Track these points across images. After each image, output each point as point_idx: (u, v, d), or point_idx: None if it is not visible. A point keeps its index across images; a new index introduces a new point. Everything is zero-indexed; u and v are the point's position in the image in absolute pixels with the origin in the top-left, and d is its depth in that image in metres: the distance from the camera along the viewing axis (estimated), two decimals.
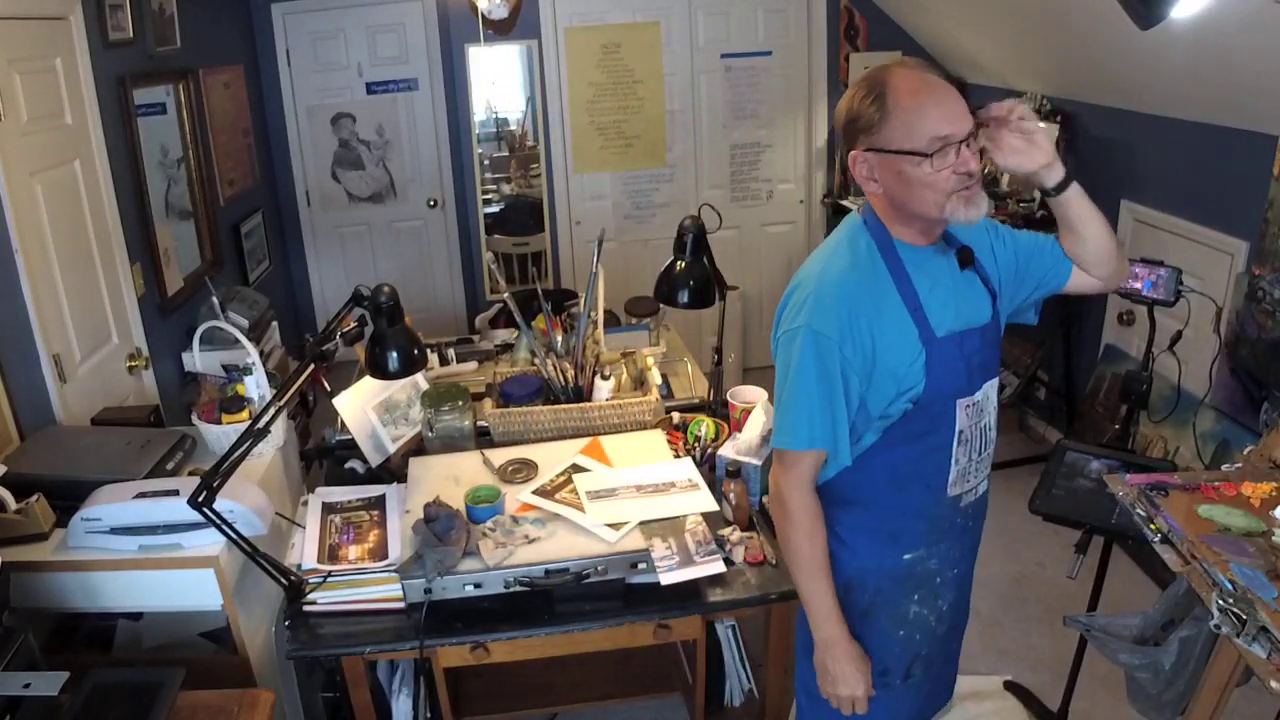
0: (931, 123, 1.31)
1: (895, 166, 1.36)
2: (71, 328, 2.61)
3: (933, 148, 1.32)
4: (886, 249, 1.45)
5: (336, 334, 1.85)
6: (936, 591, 1.59)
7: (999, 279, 1.55)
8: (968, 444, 1.51)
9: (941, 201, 1.35)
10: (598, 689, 2.30)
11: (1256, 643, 1.39)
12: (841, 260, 1.45)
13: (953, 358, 1.45)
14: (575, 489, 1.99)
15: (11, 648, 1.49)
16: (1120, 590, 2.89)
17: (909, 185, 1.36)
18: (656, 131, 4.85)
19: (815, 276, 1.45)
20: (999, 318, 1.54)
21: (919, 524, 1.54)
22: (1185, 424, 3.05)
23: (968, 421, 1.49)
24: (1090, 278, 1.56)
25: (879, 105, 1.34)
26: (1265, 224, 2.72)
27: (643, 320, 3.03)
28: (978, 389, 1.49)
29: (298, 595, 1.80)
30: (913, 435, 1.47)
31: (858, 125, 1.38)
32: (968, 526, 1.60)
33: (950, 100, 1.34)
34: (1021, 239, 1.58)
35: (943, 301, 1.45)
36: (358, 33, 4.76)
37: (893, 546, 1.54)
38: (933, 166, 1.32)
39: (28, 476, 2.03)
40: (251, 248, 4.35)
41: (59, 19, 2.72)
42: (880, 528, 1.54)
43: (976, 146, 1.36)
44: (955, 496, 1.54)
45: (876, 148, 1.37)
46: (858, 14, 4.74)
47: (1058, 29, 3.35)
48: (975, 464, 1.54)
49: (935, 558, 1.57)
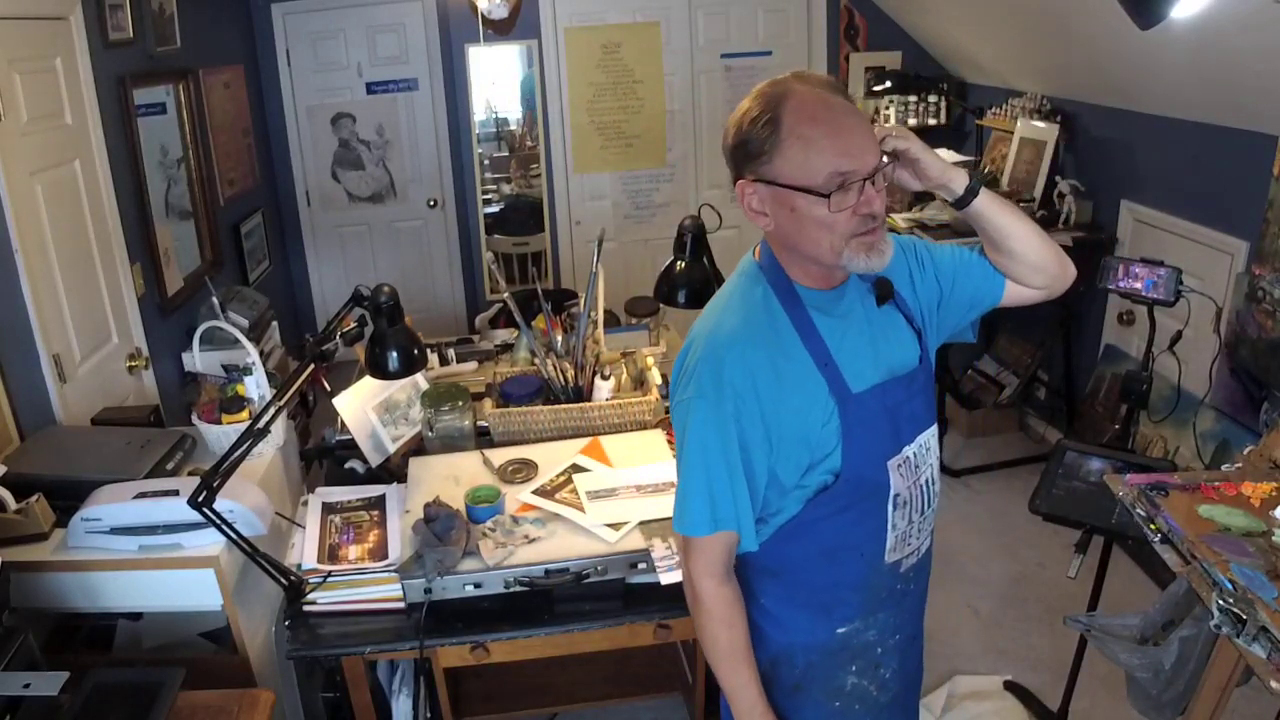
0: (830, 157, 1.15)
1: (788, 202, 1.19)
2: (71, 328, 2.61)
3: (830, 185, 1.15)
4: (786, 295, 1.28)
5: (336, 334, 1.85)
6: (877, 661, 1.43)
7: (921, 313, 1.38)
8: (906, 506, 1.34)
9: (839, 246, 1.19)
10: (598, 689, 2.30)
11: (1256, 643, 1.39)
12: (734, 315, 1.28)
13: (873, 414, 1.28)
14: (575, 489, 1.99)
15: (11, 648, 1.49)
16: (1120, 590, 2.89)
17: (801, 224, 1.20)
18: (656, 131, 4.86)
19: (705, 336, 1.28)
20: (928, 357, 1.38)
21: (854, 595, 1.37)
22: (1185, 424, 3.05)
23: (904, 483, 1.33)
24: (1030, 289, 1.40)
25: (772, 130, 1.17)
26: (1265, 224, 2.72)
27: (643, 320, 3.03)
28: (908, 443, 1.33)
29: (298, 595, 1.80)
30: (841, 505, 1.30)
31: (748, 150, 1.21)
32: (909, 590, 1.44)
33: (854, 130, 1.17)
34: (943, 259, 1.41)
35: (856, 350, 1.29)
36: (358, 33, 4.76)
37: (825, 618, 1.38)
38: (830, 207, 1.16)
39: (28, 476, 2.02)
40: (251, 248, 4.35)
41: (59, 19, 2.72)
42: (810, 600, 1.37)
43: (882, 184, 1.21)
44: (894, 563, 1.37)
45: (767, 179, 1.20)
46: (858, 14, 4.74)
47: (1057, 29, 3.35)
48: (916, 525, 1.38)
49: (873, 629, 1.41)
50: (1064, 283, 1.40)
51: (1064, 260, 1.39)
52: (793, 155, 1.17)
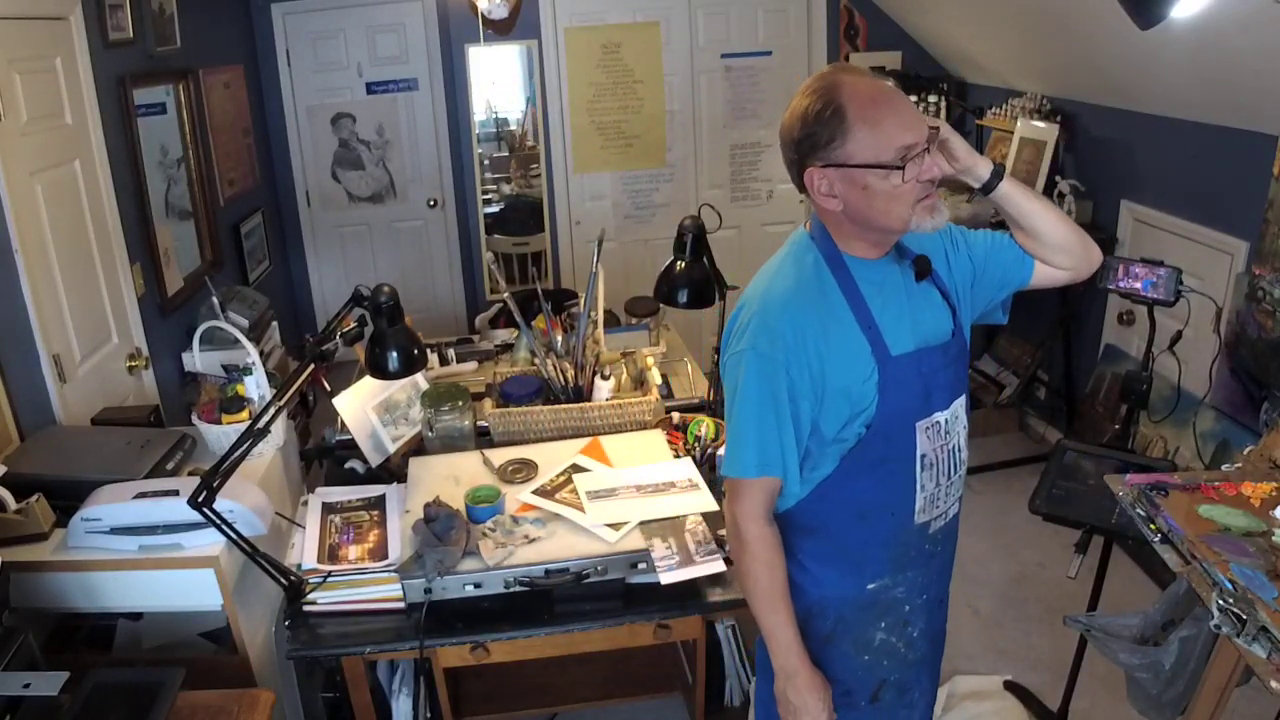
0: (897, 133, 1.27)
1: (861, 181, 1.30)
2: (71, 328, 2.61)
3: (900, 158, 1.27)
4: (836, 264, 1.39)
5: (336, 334, 1.85)
6: (905, 619, 1.52)
7: (956, 290, 1.48)
8: (933, 468, 1.44)
9: (906, 214, 1.31)
10: (598, 689, 2.30)
11: (1256, 643, 1.39)
12: (786, 279, 1.39)
13: (909, 378, 1.38)
14: (575, 489, 1.99)
15: (11, 648, 1.49)
16: (1120, 590, 2.89)
17: (873, 199, 1.30)
18: (656, 131, 4.86)
19: (759, 296, 1.39)
20: (962, 332, 1.47)
21: (884, 552, 1.47)
22: (1185, 424, 3.05)
23: (930, 445, 1.42)
24: (1057, 270, 1.49)
25: (838, 119, 1.28)
26: (1265, 224, 2.72)
27: (643, 320, 3.03)
28: (939, 409, 1.42)
29: (298, 595, 1.80)
30: (872, 462, 1.40)
31: (815, 141, 1.30)
32: (936, 552, 1.52)
33: (907, 107, 1.30)
34: (976, 241, 1.51)
35: (897, 318, 1.39)
36: (358, 33, 4.76)
37: (856, 575, 1.48)
38: (904, 178, 1.28)
39: (28, 476, 2.02)
40: (251, 248, 4.35)
41: (59, 19, 2.72)
42: (843, 556, 1.47)
43: (935, 152, 1.33)
44: (923, 524, 1.47)
45: (838, 163, 1.30)
46: (858, 14, 4.74)
47: (1058, 29, 3.35)
48: (944, 489, 1.47)
49: (901, 586, 1.50)
50: (1089, 264, 1.49)
51: (1087, 242, 1.47)
52: (863, 137, 1.27)
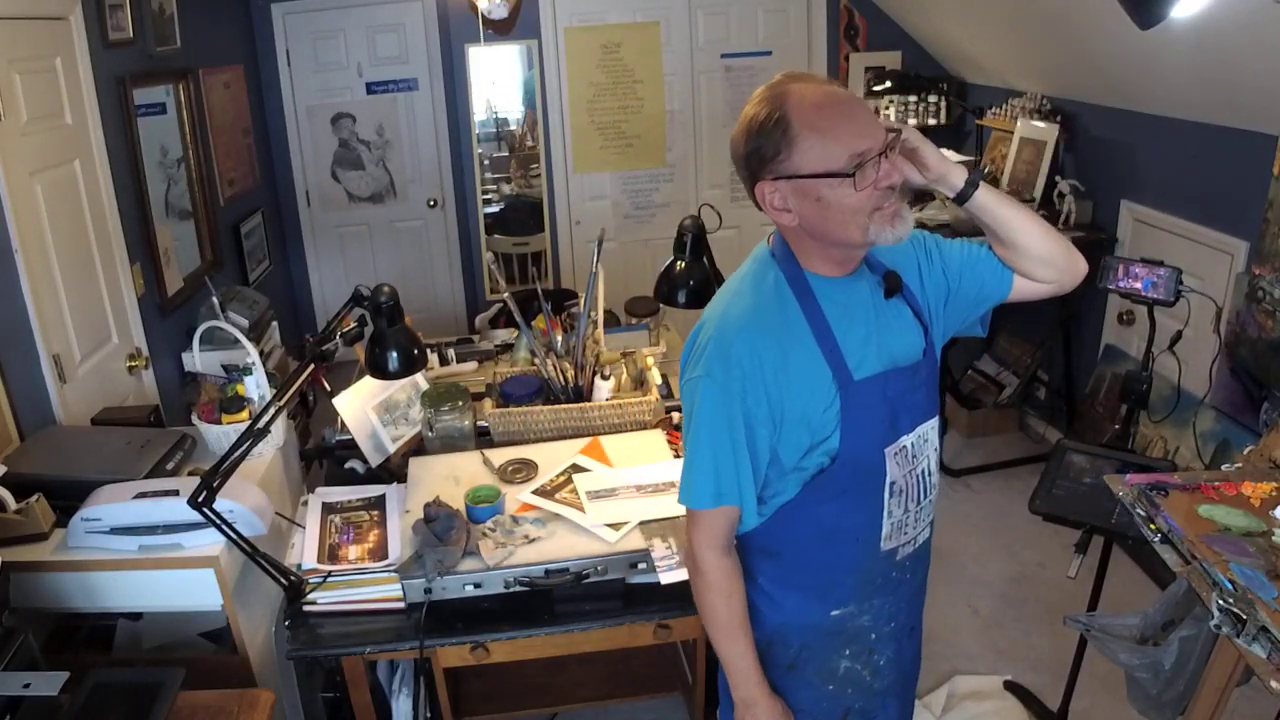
0: (846, 139, 1.19)
1: (813, 192, 1.23)
2: (71, 328, 2.61)
3: (852, 165, 1.20)
4: (797, 283, 1.32)
5: (336, 334, 1.85)
6: (871, 647, 1.47)
7: (929, 307, 1.41)
8: (902, 494, 1.37)
9: (864, 223, 1.23)
10: (598, 689, 2.30)
11: (1256, 643, 1.39)
12: (744, 300, 1.33)
13: (873, 402, 1.31)
14: (575, 489, 1.99)
15: (11, 648, 1.49)
16: (1120, 590, 2.89)
17: (827, 210, 1.23)
18: (656, 131, 4.86)
19: (717, 318, 1.33)
20: (933, 351, 1.40)
21: (849, 578, 1.41)
22: (1185, 424, 3.05)
23: (900, 471, 1.36)
24: (1038, 284, 1.40)
25: (783, 129, 1.21)
26: (1265, 224, 2.72)
27: (643, 320, 3.03)
28: (906, 433, 1.36)
29: (298, 595, 1.80)
30: (838, 489, 1.34)
31: (762, 153, 1.24)
32: (905, 579, 1.46)
33: (860, 111, 1.22)
34: (952, 253, 1.43)
35: (863, 339, 1.32)
36: (358, 33, 4.76)
37: (819, 601, 1.42)
38: (856, 186, 1.20)
39: (28, 476, 2.02)
40: (251, 248, 4.35)
41: (59, 19, 2.72)
42: (806, 581, 1.41)
43: (894, 156, 1.24)
44: (890, 550, 1.41)
45: (788, 175, 1.23)
46: (858, 14, 4.74)
47: (1058, 29, 3.35)
48: (913, 515, 1.41)
49: (868, 613, 1.44)
50: (1073, 276, 1.40)
51: (1072, 253, 1.39)
52: (810, 146, 1.21)
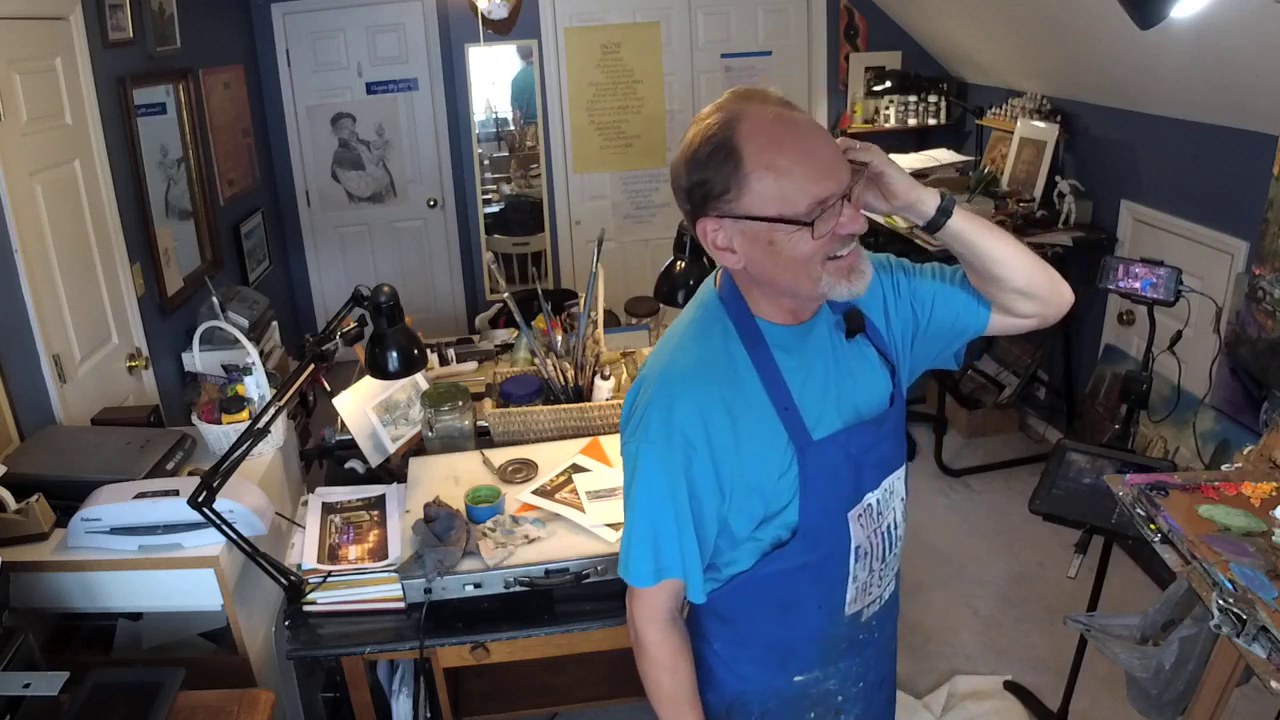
0: (807, 183, 1.04)
1: (764, 237, 1.07)
2: (71, 328, 2.61)
3: (814, 213, 1.04)
4: (748, 332, 1.17)
5: (336, 334, 1.85)
6: (838, 708, 1.37)
7: (896, 346, 1.27)
8: (867, 557, 1.26)
9: (817, 274, 1.08)
10: (598, 689, 2.30)
11: (1256, 643, 1.39)
12: (688, 355, 1.18)
13: (835, 464, 1.18)
14: (575, 489, 1.99)
15: (11, 648, 1.49)
16: (1120, 590, 2.89)
17: (779, 258, 1.08)
18: (656, 131, 4.86)
19: (657, 377, 1.18)
20: (900, 394, 1.27)
21: (811, 648, 1.31)
22: (1185, 424, 3.05)
23: (864, 533, 1.24)
24: (1018, 319, 1.25)
25: (734, 163, 1.05)
26: (1265, 224, 2.72)
27: (643, 320, 3.03)
28: (871, 490, 1.24)
29: (298, 595, 1.80)
30: (797, 562, 1.22)
31: (708, 190, 1.08)
32: (872, 639, 1.37)
33: (823, 148, 1.06)
34: (923, 283, 1.28)
35: (822, 392, 1.19)
36: (358, 33, 4.76)
37: (780, 669, 1.32)
38: (814, 235, 1.05)
39: (28, 476, 2.02)
40: (251, 248, 4.35)
41: (59, 19, 2.72)
42: (765, 648, 1.30)
43: (858, 197, 1.09)
44: (855, 614, 1.31)
45: (737, 215, 1.08)
46: (858, 14, 4.74)
47: (1058, 29, 3.35)
48: (877, 574, 1.30)
49: (834, 678, 1.34)
50: (1057, 309, 1.25)
51: (1056, 284, 1.24)
52: (764, 188, 1.05)
